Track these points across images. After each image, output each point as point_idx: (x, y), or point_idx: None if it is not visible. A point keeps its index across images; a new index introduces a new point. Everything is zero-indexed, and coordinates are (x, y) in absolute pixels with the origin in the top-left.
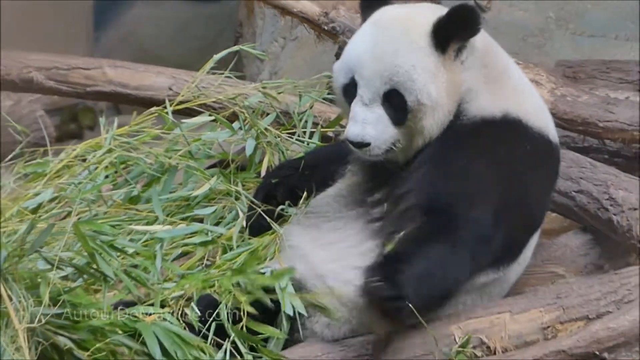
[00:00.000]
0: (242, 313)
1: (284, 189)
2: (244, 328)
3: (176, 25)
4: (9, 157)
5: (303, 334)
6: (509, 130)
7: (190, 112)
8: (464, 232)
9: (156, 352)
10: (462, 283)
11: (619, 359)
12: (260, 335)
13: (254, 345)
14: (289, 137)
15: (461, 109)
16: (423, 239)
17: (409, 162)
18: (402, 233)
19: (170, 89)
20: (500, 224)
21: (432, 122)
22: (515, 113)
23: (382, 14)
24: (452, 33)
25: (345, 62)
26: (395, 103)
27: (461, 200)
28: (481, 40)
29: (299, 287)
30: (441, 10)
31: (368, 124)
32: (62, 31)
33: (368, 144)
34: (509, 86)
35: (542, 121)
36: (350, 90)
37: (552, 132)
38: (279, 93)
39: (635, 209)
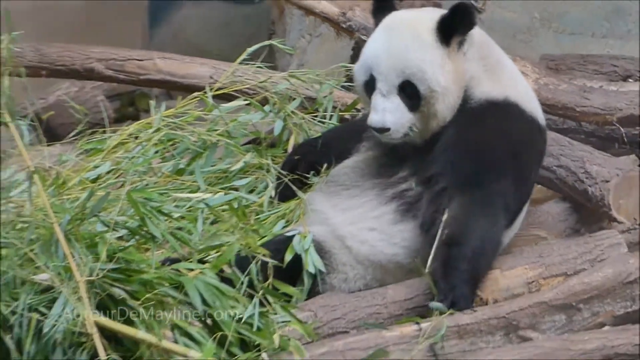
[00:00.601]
0: (267, 272)
1: (306, 163)
2: (270, 285)
3: (219, 24)
4: (72, 134)
5: (323, 288)
6: (510, 112)
7: (228, 97)
8: (496, 203)
9: (197, 301)
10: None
11: (592, 309)
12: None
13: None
14: (312, 119)
15: (468, 94)
16: (468, 218)
17: (426, 143)
18: (446, 214)
19: (211, 77)
20: (517, 193)
21: (444, 106)
22: (514, 98)
23: (392, 17)
24: (453, 28)
25: (364, 62)
26: (410, 92)
27: (487, 176)
28: (478, 35)
29: (320, 247)
30: (441, 12)
31: (387, 112)
32: (122, 29)
33: (388, 129)
34: (504, 74)
35: (533, 106)
36: (370, 85)
37: (541, 116)
38: (303, 81)
39: (607, 181)
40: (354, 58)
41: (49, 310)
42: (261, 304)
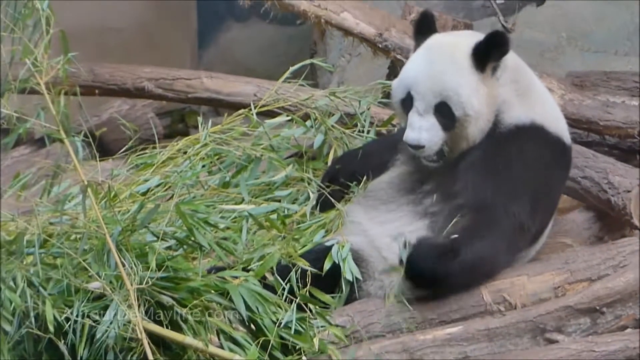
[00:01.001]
0: (307, 279)
1: (345, 174)
2: (308, 292)
3: (264, 44)
4: (123, 150)
5: (359, 295)
6: (535, 135)
7: (271, 114)
8: (505, 224)
9: (241, 307)
10: (504, 265)
11: (615, 312)
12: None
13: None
14: (350, 134)
15: (499, 119)
16: (474, 233)
17: (454, 161)
18: (455, 224)
19: (255, 95)
20: (536, 214)
21: (475, 129)
22: (540, 121)
23: (433, 41)
24: (488, 55)
25: (402, 81)
26: (445, 113)
27: (502, 198)
28: (511, 59)
29: (357, 255)
30: (478, 37)
31: (423, 130)
32: (172, 50)
33: (423, 146)
34: (533, 97)
35: (559, 127)
36: (407, 103)
37: (566, 136)
38: (342, 99)
39: (629, 191)
40: (390, 76)
41: (101, 317)
42: (302, 310)
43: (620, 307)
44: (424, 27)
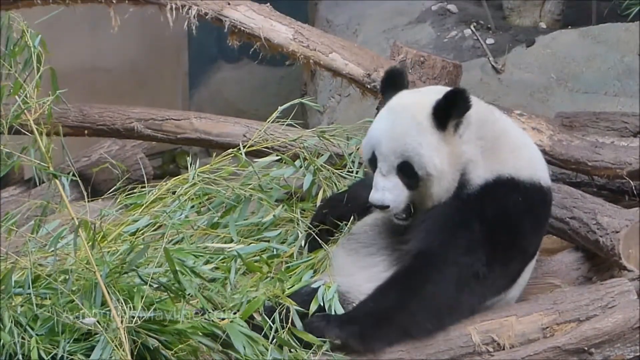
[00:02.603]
0: (290, 321)
1: (333, 217)
2: (291, 333)
3: (255, 85)
4: (111, 190)
5: None
6: (501, 188)
7: (260, 154)
8: (449, 271)
9: (240, 346)
10: (455, 308)
11: (604, 353)
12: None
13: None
14: (340, 173)
15: (465, 179)
16: (393, 283)
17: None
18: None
19: (245, 135)
20: (495, 264)
21: (439, 189)
22: (507, 173)
23: (397, 100)
24: (448, 113)
25: (368, 141)
26: (408, 173)
27: (451, 249)
28: (475, 114)
29: (345, 297)
30: (441, 93)
31: (386, 191)
32: (164, 90)
33: (387, 206)
34: (503, 150)
35: (534, 171)
36: (373, 162)
37: (544, 177)
38: (329, 140)
39: (617, 232)
40: None
41: (87, 357)
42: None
43: (608, 347)
44: (392, 85)
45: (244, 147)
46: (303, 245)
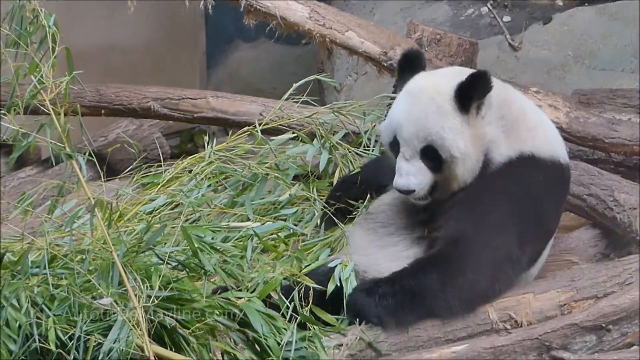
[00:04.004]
0: (310, 299)
1: (347, 199)
2: (310, 312)
3: (272, 64)
4: (128, 169)
5: None
6: (524, 166)
7: (277, 132)
8: (484, 256)
9: (258, 325)
10: (489, 294)
11: (621, 329)
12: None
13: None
14: (356, 151)
15: (488, 158)
16: (428, 266)
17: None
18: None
19: (261, 114)
20: (525, 244)
21: (464, 170)
22: (529, 150)
23: (414, 83)
24: (470, 95)
25: (389, 125)
26: (431, 156)
27: (484, 232)
28: (496, 95)
29: (362, 277)
30: (460, 76)
31: (411, 175)
32: (181, 70)
33: (413, 191)
34: (522, 128)
35: (553, 148)
36: (394, 146)
37: (562, 155)
38: (346, 115)
39: (634, 209)
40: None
41: (104, 337)
42: (306, 329)
43: (626, 324)
44: (409, 66)
45: (259, 124)
46: (319, 224)
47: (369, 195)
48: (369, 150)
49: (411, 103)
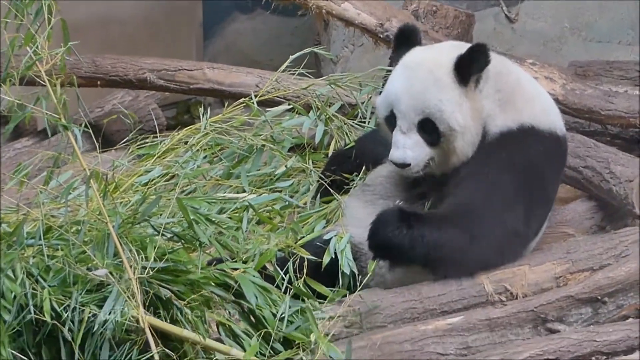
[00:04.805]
0: (305, 271)
1: (342, 173)
2: (305, 284)
3: (269, 36)
4: (124, 140)
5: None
6: (524, 137)
7: (273, 104)
8: (496, 232)
9: (251, 297)
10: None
11: (617, 302)
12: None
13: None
14: (352, 123)
15: (486, 130)
16: (450, 222)
17: (447, 174)
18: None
19: (257, 86)
20: (531, 218)
21: (463, 143)
22: (528, 121)
23: (412, 56)
24: (470, 69)
25: (385, 98)
26: (429, 129)
27: (494, 209)
28: (493, 67)
29: (358, 249)
30: (457, 50)
31: (407, 148)
32: (178, 41)
33: (409, 164)
34: (520, 100)
35: (550, 120)
36: (390, 120)
37: (559, 126)
38: (342, 87)
39: (630, 181)
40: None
41: (99, 308)
42: (303, 301)
43: (621, 296)
44: (404, 42)
45: (255, 96)
46: (314, 195)
47: (364, 168)
48: (364, 122)
49: (409, 76)
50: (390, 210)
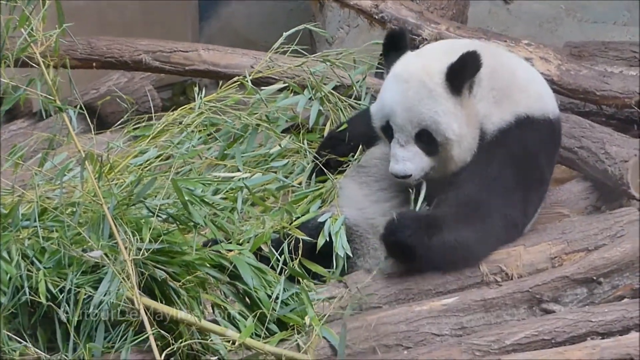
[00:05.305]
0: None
1: (335, 155)
2: (300, 265)
3: (265, 17)
4: (119, 122)
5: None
6: (521, 129)
7: (268, 84)
8: (497, 226)
9: (248, 278)
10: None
11: (612, 282)
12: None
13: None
14: (346, 99)
15: (483, 131)
16: (461, 220)
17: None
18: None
19: (252, 67)
20: (528, 208)
21: (460, 151)
22: (523, 111)
23: (403, 67)
24: (461, 76)
25: (380, 110)
26: (426, 140)
27: (495, 204)
28: (485, 67)
29: (353, 231)
30: (448, 55)
31: (407, 161)
32: (174, 23)
33: (410, 175)
34: (515, 91)
35: (544, 105)
36: (387, 130)
37: (553, 110)
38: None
39: (625, 161)
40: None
41: (94, 290)
42: (296, 282)
43: (617, 277)
44: (393, 47)
45: (250, 75)
46: (309, 175)
47: (360, 148)
48: (360, 101)
49: (402, 89)
50: (408, 214)
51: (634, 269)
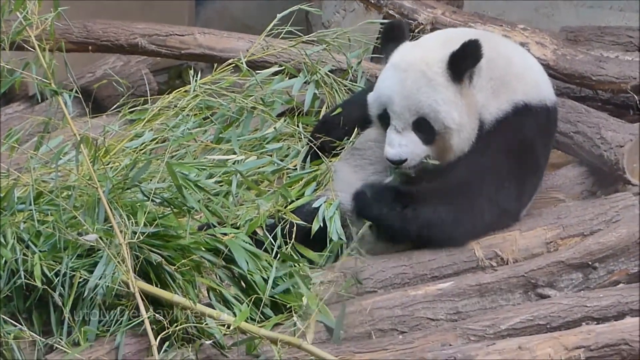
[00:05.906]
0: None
1: (330, 143)
2: (294, 249)
3: (261, 2)
4: (115, 106)
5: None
6: (518, 117)
7: (263, 68)
8: (483, 208)
9: (242, 262)
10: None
11: (608, 267)
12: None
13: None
14: (342, 81)
15: (482, 121)
16: (440, 197)
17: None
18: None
19: (248, 51)
20: (523, 194)
21: (459, 140)
22: (521, 99)
23: (402, 56)
24: (464, 65)
25: (378, 98)
26: (424, 128)
27: (487, 190)
28: (484, 57)
29: (347, 216)
30: (447, 44)
31: (403, 146)
32: (170, 6)
33: (405, 160)
34: (512, 80)
35: (541, 92)
36: (384, 119)
37: (549, 96)
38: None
39: (621, 146)
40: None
41: (89, 273)
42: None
43: (612, 262)
44: (391, 38)
45: (245, 57)
46: (304, 158)
47: (355, 131)
48: (356, 83)
49: (401, 78)
50: (381, 186)
51: (629, 254)
